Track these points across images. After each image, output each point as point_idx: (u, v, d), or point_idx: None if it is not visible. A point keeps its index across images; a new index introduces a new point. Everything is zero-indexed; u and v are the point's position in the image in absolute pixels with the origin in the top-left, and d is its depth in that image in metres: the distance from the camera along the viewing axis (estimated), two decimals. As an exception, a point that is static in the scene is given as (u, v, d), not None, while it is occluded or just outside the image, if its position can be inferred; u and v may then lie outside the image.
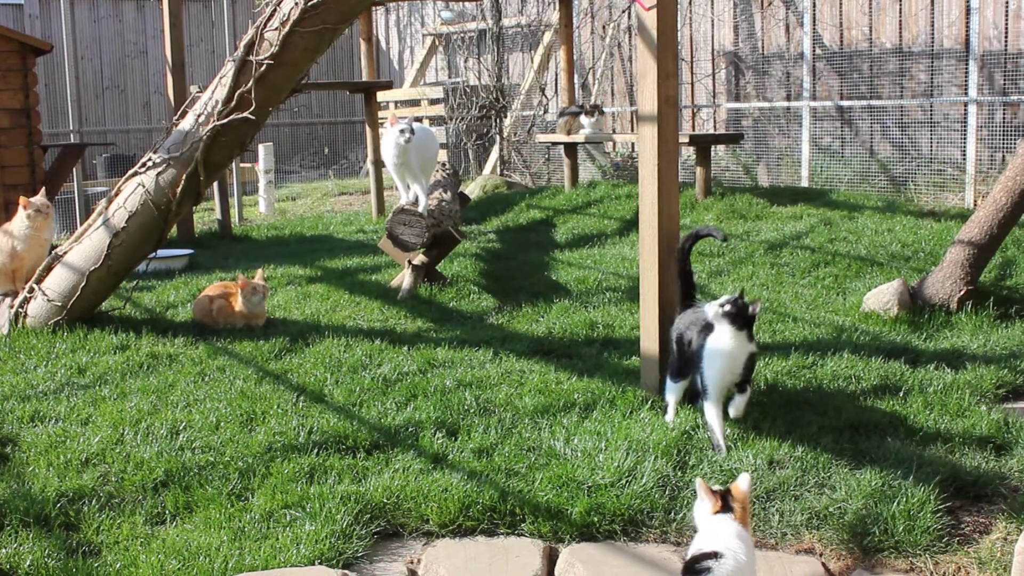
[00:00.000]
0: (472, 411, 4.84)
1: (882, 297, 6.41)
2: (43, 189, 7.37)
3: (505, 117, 14.37)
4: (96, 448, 4.47)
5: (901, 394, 4.91)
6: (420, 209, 7.39)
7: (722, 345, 4.37)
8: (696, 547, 3.08)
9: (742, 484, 3.19)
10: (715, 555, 2.98)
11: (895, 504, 3.76)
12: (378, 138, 11.55)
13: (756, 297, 4.49)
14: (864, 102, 11.56)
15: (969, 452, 4.26)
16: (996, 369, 5.21)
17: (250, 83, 5.98)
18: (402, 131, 7.41)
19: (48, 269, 6.50)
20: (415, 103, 15.80)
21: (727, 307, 4.39)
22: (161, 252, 7.09)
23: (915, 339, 5.89)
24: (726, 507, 3.13)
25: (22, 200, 6.91)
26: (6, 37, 9.68)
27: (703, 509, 3.17)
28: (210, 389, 5.26)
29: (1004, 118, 10.37)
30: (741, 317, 4.38)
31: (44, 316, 6.43)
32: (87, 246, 6.37)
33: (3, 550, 3.63)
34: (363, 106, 12.69)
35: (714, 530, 3.09)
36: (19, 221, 6.88)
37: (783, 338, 5.89)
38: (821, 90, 12.00)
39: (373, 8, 15.27)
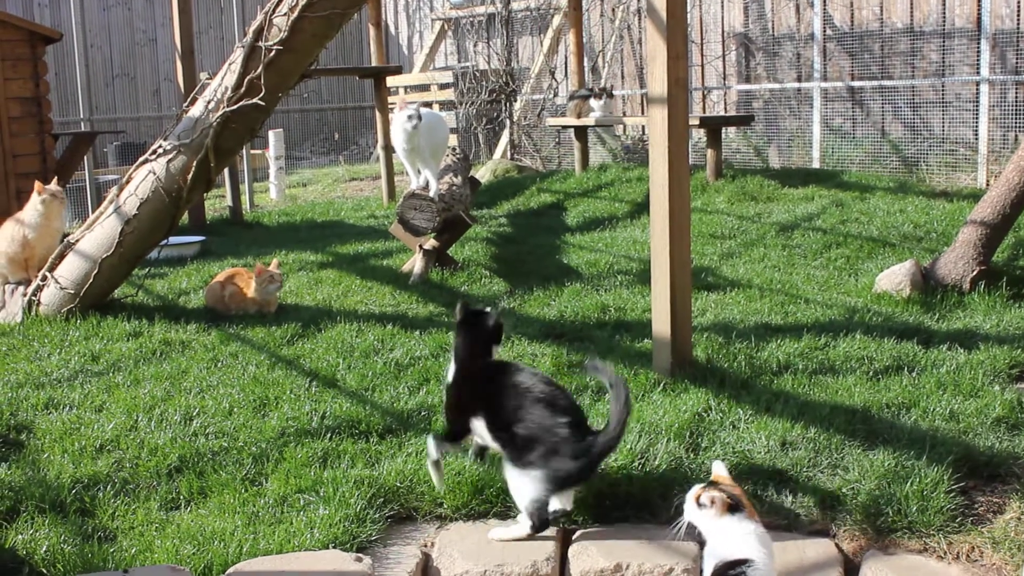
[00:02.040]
0: (484, 395, 4.84)
1: (894, 278, 6.39)
2: (55, 179, 7.38)
3: (515, 101, 14.34)
4: (110, 434, 4.49)
5: (914, 375, 4.90)
6: (431, 194, 7.39)
7: None
8: (721, 552, 3.09)
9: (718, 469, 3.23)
10: (747, 562, 2.99)
11: (908, 485, 3.75)
12: (388, 123, 11.54)
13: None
14: (875, 82, 11.51)
15: (982, 432, 4.25)
16: (1009, 349, 5.19)
17: (259, 69, 5.98)
18: (409, 116, 7.40)
19: (60, 257, 6.52)
20: (425, 88, 15.77)
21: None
22: (173, 239, 7.11)
23: (927, 320, 5.87)
24: (736, 505, 3.14)
25: (37, 185, 6.92)
26: (16, 26, 9.70)
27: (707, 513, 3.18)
28: (223, 375, 5.28)
29: (1017, 97, 10.31)
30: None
31: (57, 304, 6.46)
32: (99, 234, 6.39)
33: (19, 536, 3.65)
34: (373, 91, 12.69)
35: (734, 532, 3.10)
36: (31, 209, 6.90)
37: (795, 320, 5.88)
38: (832, 71, 11.94)
39: (382, -7, 15.23)
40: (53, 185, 7.00)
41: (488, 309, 3.95)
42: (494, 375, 3.79)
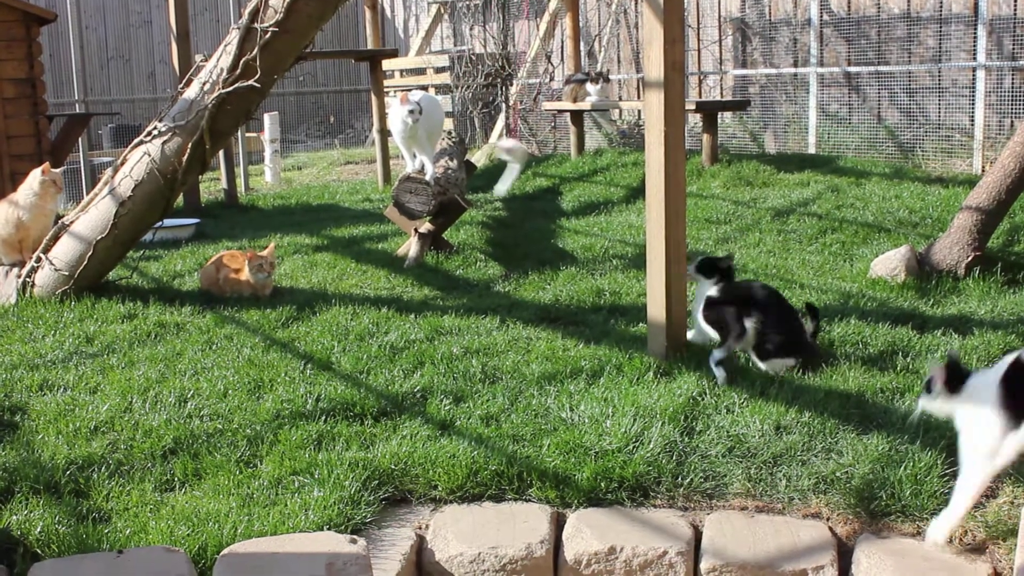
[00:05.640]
0: (479, 378, 4.85)
1: (889, 263, 6.40)
2: (62, 167, 7.35)
3: (511, 85, 14.30)
4: (105, 416, 4.49)
5: (908, 359, 4.90)
6: (426, 177, 7.38)
7: None
8: None
9: None
10: None
11: (902, 469, 3.76)
12: (384, 107, 11.51)
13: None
14: (872, 68, 11.49)
15: (976, 417, 4.26)
16: (1003, 334, 5.20)
17: (255, 51, 5.96)
18: (411, 111, 7.38)
19: (55, 239, 6.51)
20: (420, 71, 15.72)
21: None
22: (167, 221, 7.09)
23: (922, 305, 5.88)
24: None
25: (45, 166, 6.91)
26: (10, 7, 9.65)
27: None
28: (217, 357, 5.27)
29: (1013, 83, 10.30)
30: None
31: (51, 286, 6.45)
32: (93, 215, 6.37)
33: (14, 517, 3.65)
34: (369, 75, 12.65)
35: None
36: (26, 190, 6.87)
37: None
38: (828, 56, 11.92)
39: (378, -24, 15.16)
40: (58, 171, 6.98)
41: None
42: None
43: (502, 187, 8.73)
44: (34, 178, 6.84)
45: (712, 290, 4.99)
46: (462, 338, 5.46)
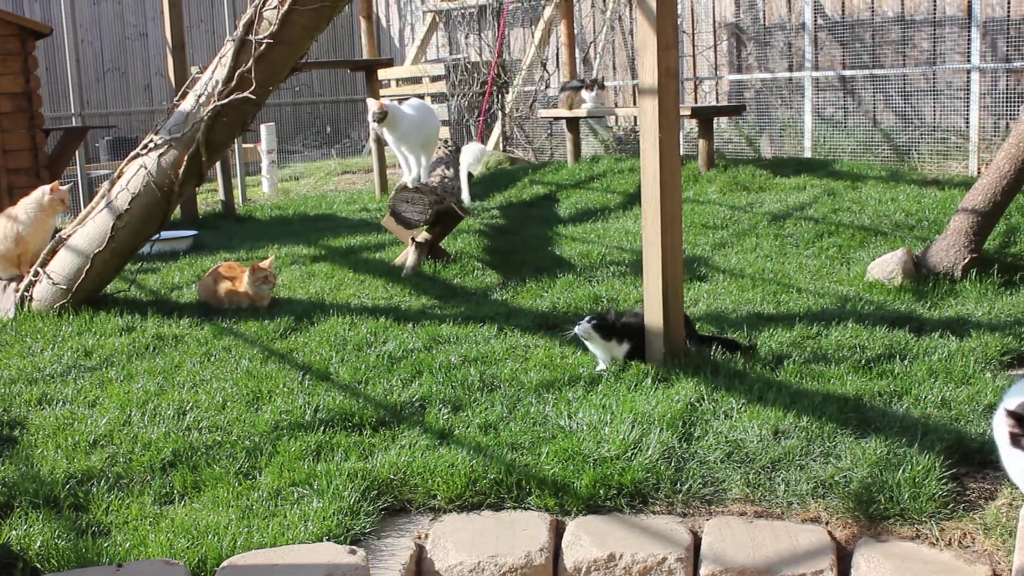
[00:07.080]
0: (477, 387, 4.85)
1: (886, 266, 6.41)
2: (67, 186, 7.37)
3: (507, 93, 14.32)
4: (104, 430, 4.49)
5: (906, 362, 4.91)
6: (408, 182, 7.38)
7: None
8: None
9: None
10: None
11: (900, 472, 3.76)
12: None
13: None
14: (866, 71, 11.51)
15: (974, 419, 4.26)
16: (1001, 336, 5.21)
17: (250, 63, 5.98)
18: (373, 114, 7.31)
19: (52, 252, 6.51)
20: (416, 80, 15.74)
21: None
22: (165, 234, 7.09)
23: (919, 308, 5.88)
24: None
25: (54, 184, 6.91)
26: (5, 20, 9.68)
27: None
28: (216, 369, 5.28)
29: (1007, 85, 10.32)
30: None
31: (50, 299, 6.45)
32: (91, 229, 6.38)
33: (14, 532, 3.65)
34: (365, 84, 12.68)
35: None
36: (28, 204, 6.87)
37: (787, 309, 5.89)
38: (823, 60, 11.95)
39: (372, -15, 15.18)
40: (65, 189, 7.00)
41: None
42: None
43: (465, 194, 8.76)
44: (42, 194, 6.84)
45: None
46: (460, 347, 5.47)
